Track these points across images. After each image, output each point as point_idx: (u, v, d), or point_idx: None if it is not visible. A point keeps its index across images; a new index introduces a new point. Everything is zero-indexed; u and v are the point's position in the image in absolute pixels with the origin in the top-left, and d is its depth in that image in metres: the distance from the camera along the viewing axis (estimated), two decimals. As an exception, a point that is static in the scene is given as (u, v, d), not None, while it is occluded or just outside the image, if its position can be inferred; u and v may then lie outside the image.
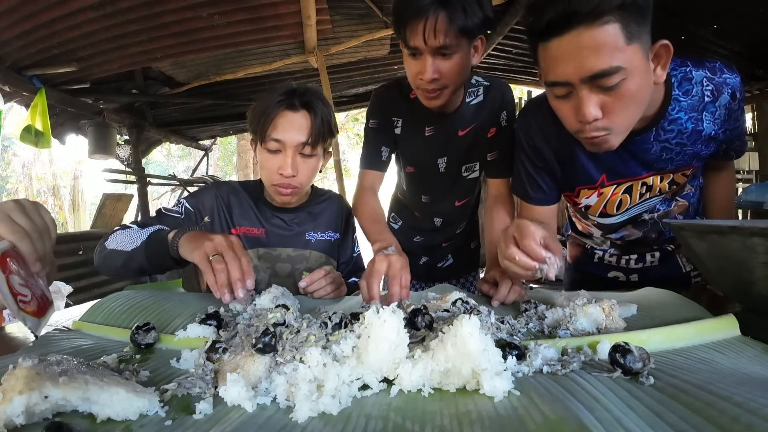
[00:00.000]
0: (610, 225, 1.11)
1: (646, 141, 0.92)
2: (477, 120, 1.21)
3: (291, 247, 1.22)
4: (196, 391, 0.49)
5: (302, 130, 1.07)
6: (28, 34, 2.70)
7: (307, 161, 1.11)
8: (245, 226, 1.19)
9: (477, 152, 1.27)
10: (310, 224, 1.25)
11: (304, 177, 1.12)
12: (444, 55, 0.99)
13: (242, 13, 2.78)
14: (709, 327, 0.61)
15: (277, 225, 1.22)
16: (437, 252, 1.53)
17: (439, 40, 0.95)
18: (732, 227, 0.59)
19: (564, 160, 1.01)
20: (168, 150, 11.37)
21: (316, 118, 1.08)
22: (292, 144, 1.07)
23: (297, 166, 1.09)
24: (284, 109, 1.06)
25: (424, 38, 0.95)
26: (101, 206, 4.56)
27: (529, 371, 0.51)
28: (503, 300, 0.87)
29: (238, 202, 1.21)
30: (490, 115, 1.21)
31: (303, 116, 1.07)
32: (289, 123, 1.07)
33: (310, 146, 1.08)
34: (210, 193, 1.21)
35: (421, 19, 0.94)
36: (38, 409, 0.41)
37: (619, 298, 0.72)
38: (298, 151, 1.08)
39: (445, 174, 1.30)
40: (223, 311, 0.74)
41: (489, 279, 0.94)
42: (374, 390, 0.48)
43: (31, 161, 11.93)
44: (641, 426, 0.37)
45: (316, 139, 1.08)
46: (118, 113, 4.38)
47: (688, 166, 0.98)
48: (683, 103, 0.89)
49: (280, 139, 1.07)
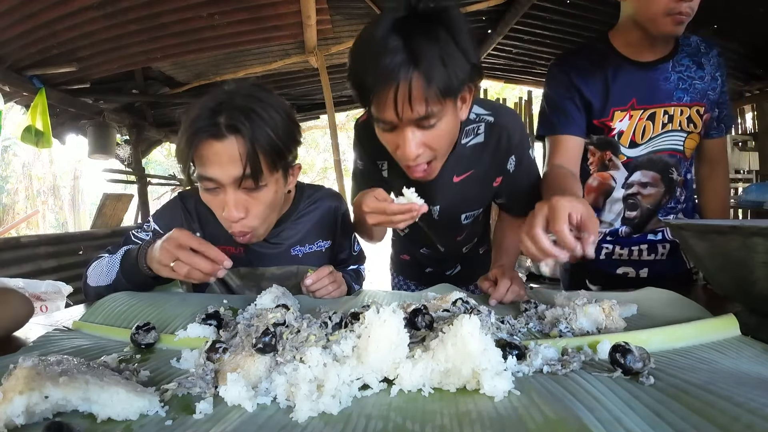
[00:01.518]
0: (636, 160, 1.20)
1: (666, 70, 1.13)
2: (476, 166, 1.01)
3: (275, 265, 1.07)
4: (196, 390, 0.49)
5: (235, 162, 0.82)
6: (29, 34, 2.70)
7: (256, 196, 0.88)
8: (221, 244, 0.90)
9: (477, 201, 1.14)
10: (296, 237, 1.08)
11: (256, 218, 0.90)
12: (425, 127, 0.79)
13: (242, 13, 2.78)
14: (710, 327, 0.61)
15: (257, 243, 1.03)
16: (445, 264, 1.42)
17: (418, 111, 0.75)
18: (732, 227, 0.58)
19: (599, 90, 1.16)
20: (168, 150, 11.36)
21: (249, 142, 0.82)
22: (227, 181, 0.84)
23: (243, 205, 0.87)
24: (207, 139, 0.82)
25: (397, 111, 0.75)
26: (101, 206, 4.56)
27: (530, 371, 0.51)
28: (501, 299, 0.87)
29: (209, 215, 0.97)
30: (493, 160, 1.01)
31: (231, 144, 0.82)
32: (214, 154, 0.83)
33: (252, 179, 0.84)
34: (176, 207, 1.06)
35: (391, 86, 0.73)
36: (38, 409, 0.41)
37: (619, 298, 0.72)
38: (239, 187, 0.85)
39: (440, 222, 1.15)
40: (223, 311, 0.74)
41: (490, 276, 0.93)
42: (374, 390, 0.48)
43: (31, 161, 11.93)
44: (641, 426, 0.37)
45: (255, 167, 0.83)
46: (118, 113, 4.38)
47: (701, 103, 1.16)
48: (686, 50, 1.15)
49: (211, 177, 0.84)
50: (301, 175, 1.05)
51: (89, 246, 3.72)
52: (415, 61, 0.71)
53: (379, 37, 0.74)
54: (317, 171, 14.03)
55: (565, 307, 0.70)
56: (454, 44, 0.74)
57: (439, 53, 0.72)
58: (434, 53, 0.72)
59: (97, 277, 0.95)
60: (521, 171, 1.04)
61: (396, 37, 0.73)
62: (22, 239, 3.33)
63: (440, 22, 0.74)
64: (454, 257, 1.39)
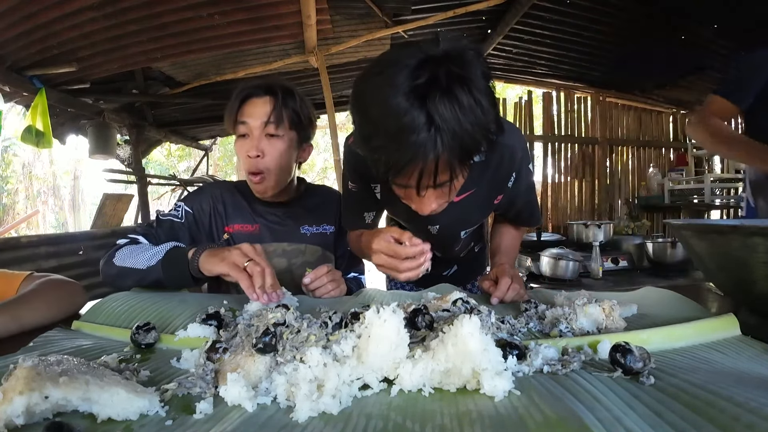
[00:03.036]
0: None
1: None
2: (477, 185, 0.98)
3: (286, 241, 1.23)
4: (196, 390, 0.49)
5: (265, 112, 1.12)
6: (29, 35, 2.70)
7: (273, 143, 1.13)
8: (239, 223, 1.21)
9: (477, 218, 1.16)
10: (305, 218, 1.26)
11: (271, 159, 1.13)
12: (442, 186, 0.76)
13: (242, 13, 2.78)
14: (710, 326, 0.61)
15: (271, 220, 1.23)
16: (442, 266, 1.41)
17: (440, 179, 0.73)
18: (732, 226, 0.59)
19: None
20: (168, 150, 11.36)
21: (279, 101, 1.13)
22: (256, 124, 1.12)
23: (263, 147, 1.12)
24: (249, 97, 1.13)
25: (419, 184, 0.73)
26: (101, 206, 4.55)
27: (530, 371, 0.51)
28: (502, 297, 0.87)
29: (232, 200, 1.23)
30: (494, 178, 1.00)
31: (265, 100, 1.13)
32: (252, 106, 1.13)
33: (274, 125, 1.12)
34: (206, 193, 1.24)
35: (417, 164, 0.69)
36: (38, 409, 0.41)
37: (619, 298, 0.72)
38: (264, 132, 1.12)
39: (439, 237, 1.15)
40: (224, 311, 0.74)
41: (490, 276, 0.94)
42: (374, 390, 0.48)
43: (31, 161, 11.92)
44: (641, 425, 0.37)
45: (278, 118, 1.12)
46: (119, 113, 4.38)
47: None
48: None
49: (245, 121, 1.12)
50: (302, 174, 1.21)
51: (89, 246, 3.72)
52: (442, 139, 0.66)
53: (399, 108, 0.65)
54: (317, 171, 14.02)
55: (565, 307, 0.70)
56: (479, 109, 0.67)
57: (462, 126, 0.66)
58: (459, 126, 0.66)
59: (129, 260, 0.99)
60: (520, 185, 1.04)
61: (418, 110, 0.65)
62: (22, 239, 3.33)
63: (462, 83, 0.66)
64: (450, 259, 1.40)
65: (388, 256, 0.80)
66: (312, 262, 1.24)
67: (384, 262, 0.81)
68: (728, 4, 2.93)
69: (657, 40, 3.56)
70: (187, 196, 1.26)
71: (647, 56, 3.86)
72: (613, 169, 4.91)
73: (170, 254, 0.96)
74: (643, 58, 3.90)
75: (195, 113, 5.06)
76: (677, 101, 4.98)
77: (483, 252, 1.49)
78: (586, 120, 4.83)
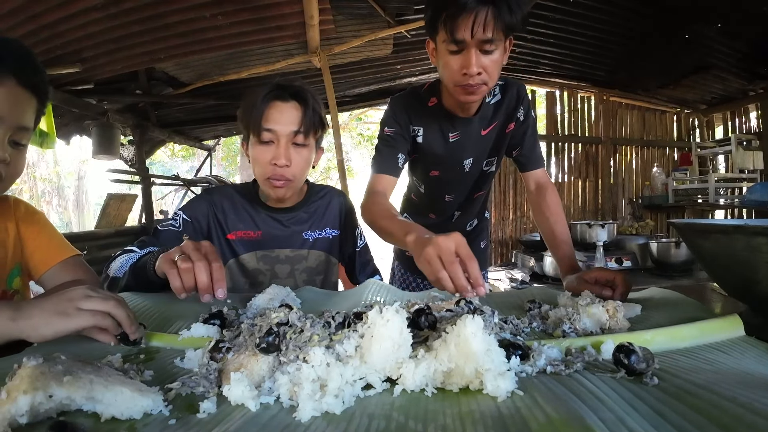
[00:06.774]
0: None
1: None
2: (497, 118, 1.27)
3: (289, 247, 1.22)
4: (199, 390, 0.49)
5: (294, 120, 1.08)
6: (32, 35, 2.71)
7: (300, 152, 1.11)
8: (241, 230, 1.19)
9: (497, 147, 1.33)
10: (307, 223, 1.24)
11: (298, 168, 1.12)
12: (486, 52, 1.00)
13: (245, 13, 2.78)
14: (714, 327, 0.61)
15: (274, 226, 1.21)
16: None
17: (487, 34, 0.96)
18: (736, 226, 0.58)
19: None
20: (172, 150, 11.39)
21: (307, 108, 1.10)
22: (285, 133, 1.08)
23: (290, 156, 1.09)
24: (275, 101, 1.08)
25: (473, 31, 0.96)
26: (105, 206, 4.56)
27: (533, 371, 0.51)
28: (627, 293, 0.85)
29: (232, 206, 1.21)
30: (507, 111, 1.27)
31: (293, 106, 1.09)
32: (280, 113, 1.08)
33: (303, 134, 1.09)
34: (203, 201, 1.21)
35: (471, 13, 0.95)
36: (43, 408, 0.41)
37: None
38: (291, 141, 1.09)
39: (470, 173, 1.35)
40: (227, 311, 0.75)
41: (589, 280, 0.90)
42: (377, 390, 0.48)
43: (35, 162, 11.98)
44: (645, 426, 0.37)
45: (308, 128, 1.10)
46: (122, 114, 4.39)
47: None
48: None
49: (272, 129, 1.08)
50: (304, 175, 1.16)
51: (93, 246, 3.73)
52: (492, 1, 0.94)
53: None
54: (320, 170, 14.04)
55: (568, 307, 0.70)
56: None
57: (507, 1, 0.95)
58: None
59: (116, 268, 0.99)
60: (526, 123, 1.28)
61: None
62: (26, 239, 3.34)
63: None
64: None
65: (441, 259, 0.72)
66: (314, 267, 1.24)
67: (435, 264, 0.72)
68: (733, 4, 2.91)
69: (660, 39, 3.55)
70: (185, 205, 1.23)
71: (651, 55, 3.84)
72: (617, 168, 4.90)
73: (141, 260, 0.92)
74: (647, 57, 3.89)
75: (198, 113, 5.07)
76: (681, 101, 4.96)
77: (487, 250, 1.58)
78: (590, 119, 4.82)
